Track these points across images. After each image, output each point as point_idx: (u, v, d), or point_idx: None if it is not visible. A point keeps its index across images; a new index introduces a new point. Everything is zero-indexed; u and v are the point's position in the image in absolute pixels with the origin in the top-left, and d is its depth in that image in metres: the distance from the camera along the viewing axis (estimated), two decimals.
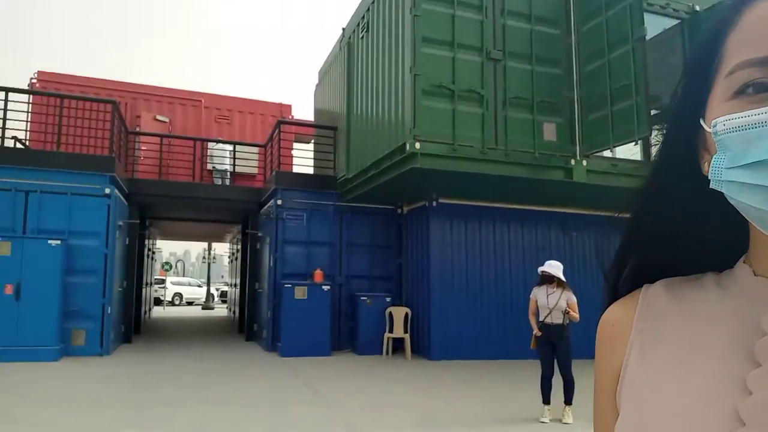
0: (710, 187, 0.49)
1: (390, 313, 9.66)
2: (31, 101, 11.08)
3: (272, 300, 10.00)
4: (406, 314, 9.61)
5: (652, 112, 6.29)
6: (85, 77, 13.67)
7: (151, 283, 17.51)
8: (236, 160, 12.81)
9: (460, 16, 7.15)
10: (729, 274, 0.55)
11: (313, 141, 12.78)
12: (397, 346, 9.67)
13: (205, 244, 25.54)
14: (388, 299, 9.96)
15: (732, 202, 0.48)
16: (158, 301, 23.53)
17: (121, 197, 10.10)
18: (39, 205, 8.94)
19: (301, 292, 9.54)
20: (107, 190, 9.27)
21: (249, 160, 12.97)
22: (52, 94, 11.20)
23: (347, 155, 9.66)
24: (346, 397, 6.38)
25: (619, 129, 6.49)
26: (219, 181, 12.82)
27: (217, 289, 29.19)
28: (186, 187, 11.56)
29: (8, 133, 9.65)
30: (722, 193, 0.48)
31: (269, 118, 14.05)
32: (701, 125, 0.52)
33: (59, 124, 9.62)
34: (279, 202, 10.12)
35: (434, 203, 9.38)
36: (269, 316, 10.10)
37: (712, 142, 0.49)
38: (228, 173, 12.94)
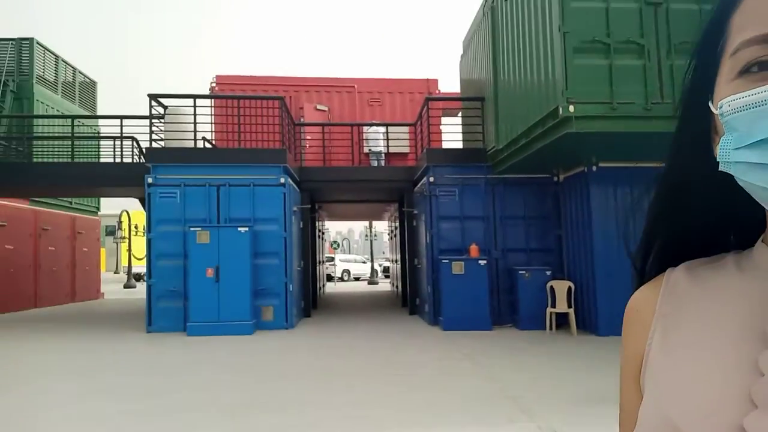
0: (719, 169, 0.48)
1: (551, 287, 9.34)
2: (213, 104, 12.75)
3: (431, 275, 10.28)
4: (569, 288, 9.23)
5: None
6: (255, 76, 15.21)
7: (323, 262, 19.17)
8: (389, 140, 13.32)
9: None
10: (749, 254, 0.54)
11: (460, 114, 12.72)
12: (561, 321, 9.32)
13: (366, 223, 27.08)
14: (548, 273, 9.61)
15: (740, 183, 0.47)
16: (329, 278, 25.55)
17: (294, 185, 11.17)
18: (228, 197, 10.30)
19: (458, 267, 9.67)
20: (282, 180, 10.32)
21: (400, 140, 13.38)
22: (230, 96, 12.70)
23: (496, 125, 9.45)
24: (511, 372, 6.40)
25: None
26: (375, 163, 13.45)
27: (380, 265, 30.82)
28: (346, 171, 12.36)
29: (198, 135, 11.24)
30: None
31: (417, 95, 14.29)
32: (710, 107, 0.51)
33: (238, 122, 10.93)
34: (431, 179, 10.32)
35: (594, 168, 8.75)
36: (429, 291, 10.41)
37: (719, 122, 0.49)
38: (383, 154, 13.51)
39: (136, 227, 30.69)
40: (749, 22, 0.47)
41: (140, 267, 31.49)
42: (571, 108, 6.30)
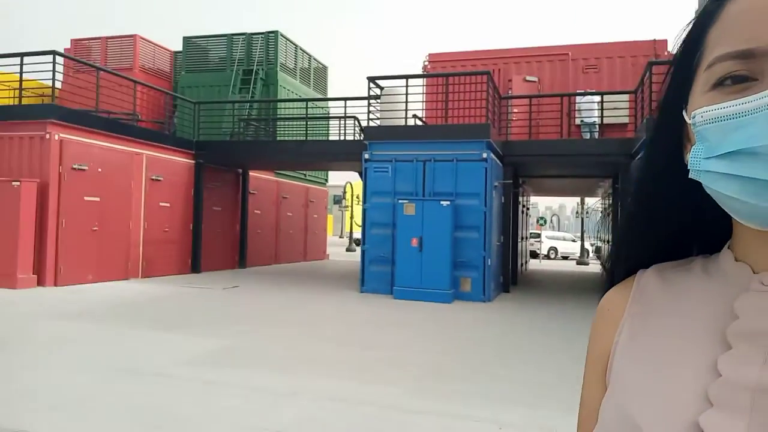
0: (689, 177, 0.51)
1: None
2: (425, 83, 13.30)
3: None
4: None
5: None
6: (465, 52, 15.36)
7: (526, 238, 18.73)
8: (604, 110, 12.27)
9: None
10: (715, 259, 0.57)
11: None
12: None
13: (578, 199, 25.44)
14: None
15: (709, 191, 0.49)
16: (534, 255, 24.76)
17: (496, 160, 11.14)
18: (433, 171, 10.78)
19: None
20: (484, 155, 10.40)
21: (619, 109, 12.21)
22: (439, 74, 13.10)
23: None
24: None
25: None
26: (587, 135, 12.56)
27: (592, 244, 28.75)
28: (553, 144, 11.82)
29: (409, 113, 11.91)
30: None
31: (641, 59, 12.76)
32: (683, 117, 0.53)
33: (445, 99, 11.28)
34: None
35: None
36: None
37: (692, 131, 0.51)
38: (596, 126, 12.53)
39: (358, 197, 33.89)
40: (724, 38, 0.49)
41: (360, 233, 34.93)
42: None
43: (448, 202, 10.26)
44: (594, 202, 23.58)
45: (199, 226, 13.78)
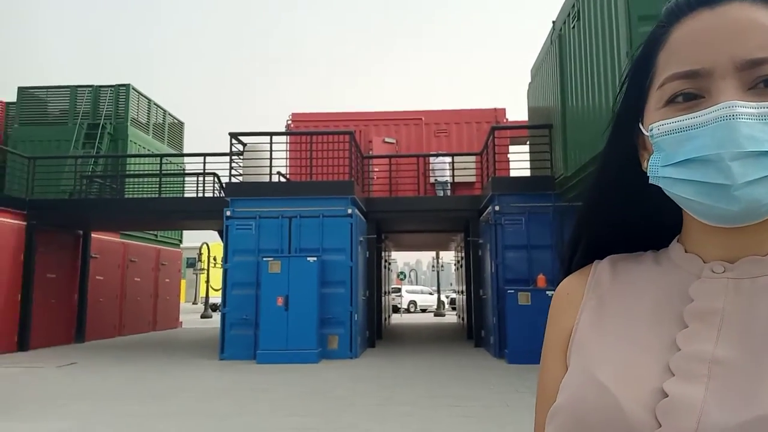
0: (649, 182, 0.57)
1: None
2: (288, 140, 13.38)
3: (496, 306, 10.06)
4: None
5: None
6: (327, 113, 15.88)
7: (388, 292, 19.20)
8: (455, 170, 13.35)
9: None
10: (665, 252, 0.63)
11: (528, 142, 12.58)
12: None
13: (433, 253, 26.95)
14: None
15: (667, 193, 0.56)
16: (396, 309, 25.43)
17: (361, 215, 11.42)
18: (299, 228, 10.68)
19: (524, 298, 9.41)
20: (349, 211, 10.59)
21: (467, 169, 13.38)
22: (303, 132, 13.30)
23: (564, 152, 9.26)
24: None
25: None
26: (441, 193, 13.49)
27: (447, 296, 30.30)
28: (411, 201, 12.50)
29: (273, 170, 11.81)
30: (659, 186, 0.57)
31: (484, 124, 14.27)
32: (640, 129, 0.60)
33: (310, 157, 11.41)
34: (497, 207, 10.21)
35: None
36: (494, 322, 10.17)
37: (649, 142, 0.57)
38: (448, 184, 13.54)
39: (214, 259, 32.18)
40: (672, 60, 0.55)
41: (217, 298, 32.92)
42: None
43: (315, 258, 10.18)
44: (448, 256, 25.12)
45: (29, 296, 11.97)
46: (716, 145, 0.49)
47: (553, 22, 9.97)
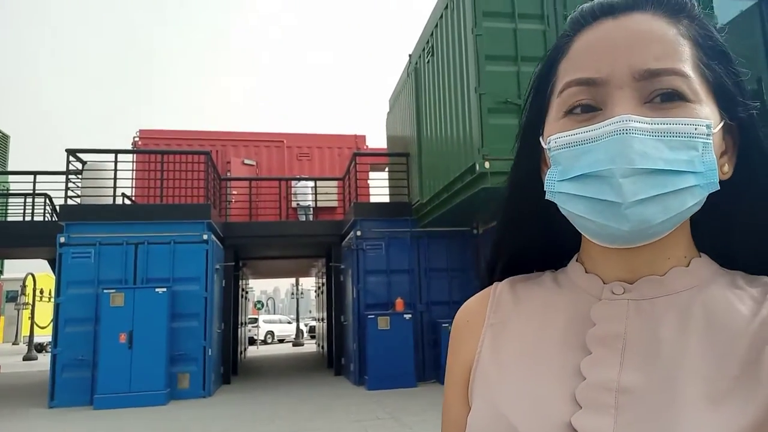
0: (546, 197, 0.55)
1: None
2: (135, 159, 12.31)
3: (357, 332, 10.07)
4: None
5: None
6: (180, 131, 14.94)
7: (245, 323, 18.35)
8: (317, 194, 13.33)
9: (522, 29, 7.04)
10: (563, 272, 0.62)
11: (387, 168, 13.03)
12: None
13: (293, 280, 26.53)
14: None
15: (562, 211, 0.54)
16: (252, 341, 24.12)
17: (217, 241, 10.79)
18: (147, 255, 9.72)
19: (384, 323, 9.54)
20: (205, 236, 9.92)
21: (329, 194, 13.44)
22: (154, 151, 12.34)
23: (420, 180, 9.73)
24: (434, 428, 6.32)
25: None
26: (303, 217, 13.37)
27: (306, 325, 29.49)
28: (272, 225, 12.15)
29: (117, 191, 10.75)
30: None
31: (345, 150, 14.54)
32: (540, 141, 0.58)
33: (161, 177, 10.55)
34: (358, 233, 10.35)
35: None
36: (355, 348, 10.17)
37: (549, 157, 0.55)
38: (311, 209, 13.47)
39: (41, 292, 28.34)
40: (572, 68, 0.54)
41: (43, 336, 28.83)
42: (487, 164, 6.61)
43: (165, 289, 9.37)
44: (308, 283, 24.85)
45: None
46: (609, 160, 0.48)
47: (410, 55, 10.52)
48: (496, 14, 7.04)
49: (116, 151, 10.48)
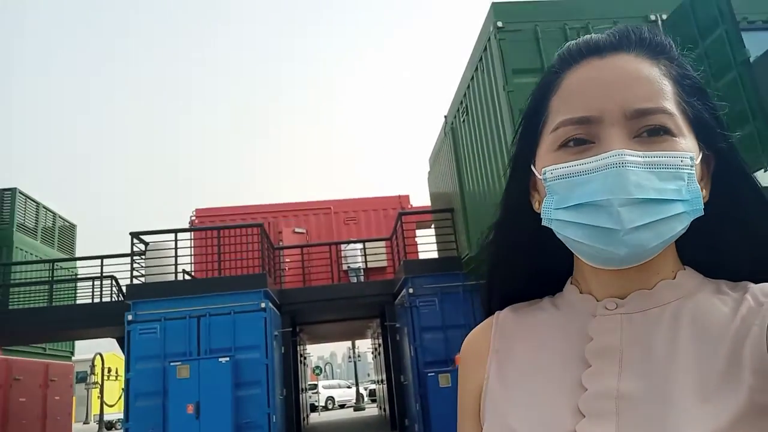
0: (542, 224, 0.59)
1: None
2: (192, 237, 13.02)
3: (418, 391, 10.00)
4: None
5: None
6: (232, 207, 15.75)
7: (305, 389, 18.33)
8: (367, 255, 13.61)
9: None
10: (561, 296, 0.66)
11: (433, 225, 13.23)
12: None
13: (348, 343, 26.41)
14: None
15: (559, 236, 0.58)
16: (313, 407, 23.89)
17: (274, 308, 11.13)
18: (209, 327, 10.12)
19: (444, 380, 9.46)
20: (262, 305, 10.26)
21: (378, 254, 13.70)
22: (211, 227, 13.05)
23: (467, 233, 9.86)
24: None
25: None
26: (354, 279, 13.61)
27: (366, 388, 29.05)
28: (327, 289, 12.45)
29: (178, 268, 11.35)
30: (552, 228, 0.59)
31: (390, 211, 14.92)
32: (532, 171, 0.63)
33: (219, 252, 11.12)
34: (410, 290, 10.46)
35: None
36: (417, 408, 10.05)
37: (542, 184, 0.60)
38: (361, 270, 13.72)
39: (109, 371, 29.30)
40: (564, 106, 0.59)
41: (112, 414, 29.57)
42: None
43: (227, 358, 9.67)
44: (364, 345, 24.69)
45: None
46: (607, 191, 0.52)
47: (445, 116, 10.94)
48: (526, 71, 7.34)
49: (176, 230, 11.16)
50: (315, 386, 26.97)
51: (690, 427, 0.47)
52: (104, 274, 13.22)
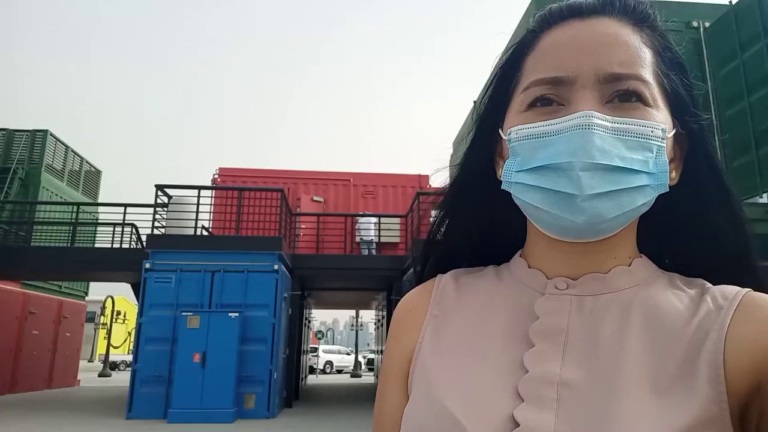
0: (502, 188, 0.56)
1: None
2: (213, 194, 13.31)
3: None
4: None
5: None
6: (256, 169, 16.00)
7: (307, 351, 18.87)
8: (381, 230, 13.82)
9: None
10: (506, 267, 0.63)
11: None
12: None
13: (352, 312, 26.81)
14: None
15: (517, 201, 0.55)
16: (311, 370, 24.53)
17: (286, 271, 11.43)
18: (222, 282, 10.48)
19: None
20: (276, 266, 10.57)
21: (392, 230, 13.90)
22: (234, 188, 13.31)
23: None
24: None
25: None
26: (366, 251, 13.86)
27: (364, 357, 29.64)
28: (339, 258, 12.74)
29: (198, 223, 11.65)
30: (510, 194, 0.56)
31: (409, 189, 15.05)
32: (499, 134, 0.59)
33: (239, 212, 11.39)
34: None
35: None
36: None
37: (506, 148, 0.56)
38: (374, 243, 13.96)
39: (118, 314, 30.18)
40: (538, 66, 0.55)
41: (117, 355, 30.62)
42: None
43: (237, 314, 10.01)
44: (368, 315, 25.11)
45: None
46: (570, 153, 0.49)
47: (474, 102, 10.98)
48: None
49: (199, 187, 11.43)
50: (315, 349, 27.63)
51: (636, 423, 0.45)
52: (126, 222, 13.59)
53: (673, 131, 0.54)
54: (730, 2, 6.75)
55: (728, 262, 0.57)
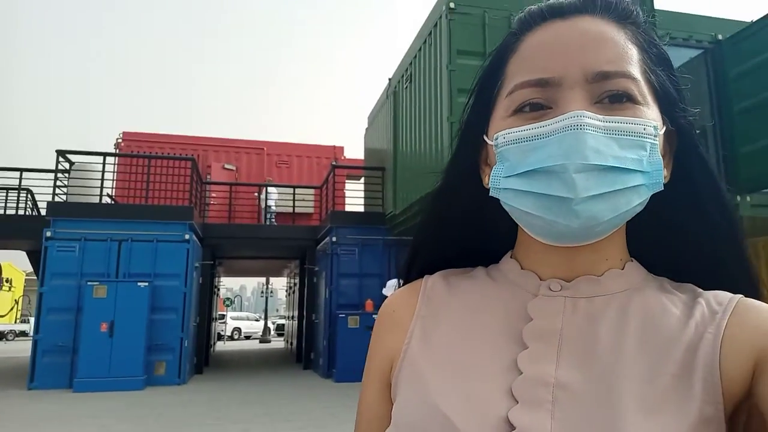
0: (490, 195, 0.54)
1: None
2: (117, 161, 12.73)
3: (327, 329, 10.82)
4: None
5: None
6: (163, 134, 15.40)
7: (216, 318, 18.85)
8: (295, 201, 13.99)
9: None
10: (496, 268, 0.61)
11: (363, 180, 13.80)
12: None
13: (261, 279, 26.75)
14: None
15: (506, 207, 0.53)
16: (219, 336, 24.50)
17: (197, 241, 11.35)
18: (129, 252, 10.26)
19: (353, 321, 10.27)
20: (186, 236, 10.48)
21: (306, 201, 14.12)
22: (142, 155, 12.79)
23: (394, 193, 10.53)
24: None
25: None
26: (267, 220, 13.94)
27: (273, 323, 29.91)
28: (252, 228, 12.80)
29: (103, 192, 11.19)
30: (499, 200, 0.53)
31: (324, 160, 15.29)
32: (484, 140, 0.57)
33: (147, 180, 11.06)
34: (334, 239, 11.09)
35: None
36: (324, 344, 10.92)
37: (493, 155, 0.54)
38: (273, 214, 13.89)
39: (8, 281, 28.01)
40: (522, 68, 0.53)
41: (3, 325, 28.74)
42: None
43: (146, 284, 9.91)
44: (279, 282, 25.14)
45: None
46: (562, 155, 0.47)
47: (389, 79, 11.35)
48: (469, 53, 7.89)
49: (104, 154, 10.97)
50: (223, 317, 27.51)
51: (635, 426, 0.44)
52: (21, 187, 12.68)
53: (664, 128, 0.53)
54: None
55: (724, 257, 0.57)
